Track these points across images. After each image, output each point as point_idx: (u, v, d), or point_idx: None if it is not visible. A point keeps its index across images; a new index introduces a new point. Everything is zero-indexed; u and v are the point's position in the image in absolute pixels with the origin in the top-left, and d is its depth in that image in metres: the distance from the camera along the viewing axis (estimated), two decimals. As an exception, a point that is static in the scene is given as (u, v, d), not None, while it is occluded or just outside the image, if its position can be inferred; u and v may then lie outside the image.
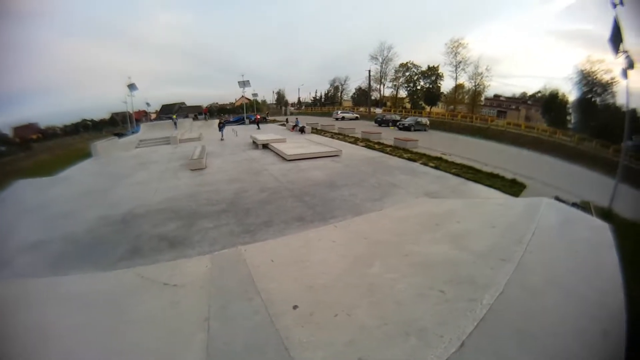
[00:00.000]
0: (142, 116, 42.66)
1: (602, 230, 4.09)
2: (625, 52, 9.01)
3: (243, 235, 5.78)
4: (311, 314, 2.45)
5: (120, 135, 24.00)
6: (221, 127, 20.69)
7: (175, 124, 27.62)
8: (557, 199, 7.53)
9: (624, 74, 9.25)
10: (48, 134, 39.22)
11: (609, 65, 33.63)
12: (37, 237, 6.08)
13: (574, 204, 7.05)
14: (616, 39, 9.04)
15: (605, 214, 7.39)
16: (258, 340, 2.24)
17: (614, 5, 8.92)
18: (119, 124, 37.95)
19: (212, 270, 3.94)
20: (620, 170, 9.29)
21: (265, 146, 15.47)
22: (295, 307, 2.58)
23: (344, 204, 7.45)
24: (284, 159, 12.69)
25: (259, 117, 31.19)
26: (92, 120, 45.91)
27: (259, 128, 26.12)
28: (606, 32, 9.23)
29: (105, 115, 46.44)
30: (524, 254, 3.51)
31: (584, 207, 7.17)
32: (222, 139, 19.63)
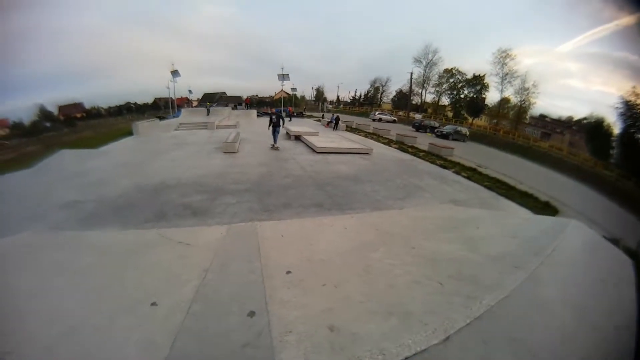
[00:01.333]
0: (184, 103, 45.25)
1: (627, 265, 3.79)
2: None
3: (261, 213, 5.97)
4: (301, 280, 2.52)
5: (161, 118, 25.65)
6: (274, 125, 12.91)
7: (208, 111, 27.44)
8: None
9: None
10: (92, 114, 42.73)
11: (654, 100, 30.34)
12: (73, 197, 6.70)
13: (603, 237, 6.67)
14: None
15: (632, 253, 6.86)
16: (244, 293, 2.36)
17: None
18: (161, 109, 40.50)
19: (225, 237, 4.14)
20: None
21: (297, 138, 15.73)
22: (288, 272, 2.66)
23: (364, 198, 7.41)
24: (313, 150, 12.84)
25: (291, 109, 32.15)
26: (135, 104, 49.42)
27: (290, 120, 26.87)
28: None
29: (149, 99, 49.82)
30: (540, 266, 3.28)
31: (612, 241, 6.75)
32: (274, 147, 12.95)
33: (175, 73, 31.35)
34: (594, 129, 38.66)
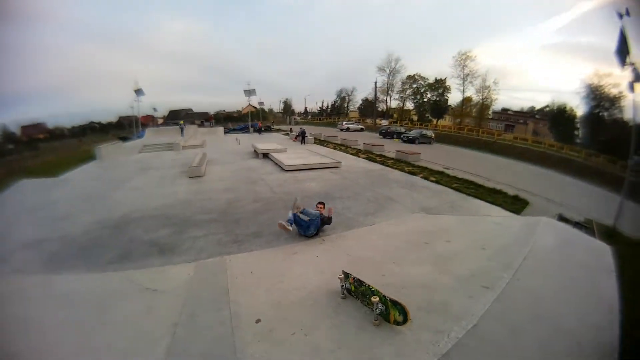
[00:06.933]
0: (149, 121, 43.73)
1: (603, 253, 3.87)
2: (632, 64, 8.67)
3: (230, 245, 5.81)
4: (271, 330, 2.49)
5: (124, 139, 24.45)
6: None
7: (182, 130, 26.25)
8: (561, 217, 7.35)
9: (631, 87, 8.92)
10: (55, 134, 40.20)
11: (616, 79, 32.72)
12: (35, 236, 6.25)
13: (577, 223, 6.87)
14: (623, 51, 8.75)
15: (609, 233, 7.18)
16: (215, 351, 2.34)
17: (620, 17, 8.61)
18: (126, 128, 38.79)
19: (193, 278, 4.01)
20: (626, 186, 9.06)
21: (265, 155, 15.62)
22: (258, 321, 2.63)
23: (335, 217, 7.37)
24: (282, 169, 12.79)
25: (260, 124, 32.44)
26: (99, 123, 47.11)
27: (260, 135, 26.72)
28: (613, 44, 8.89)
29: (113, 118, 47.85)
30: (511, 280, 3.28)
31: (587, 225, 7.04)
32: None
33: (139, 92, 30.37)
34: (557, 114, 40.87)
